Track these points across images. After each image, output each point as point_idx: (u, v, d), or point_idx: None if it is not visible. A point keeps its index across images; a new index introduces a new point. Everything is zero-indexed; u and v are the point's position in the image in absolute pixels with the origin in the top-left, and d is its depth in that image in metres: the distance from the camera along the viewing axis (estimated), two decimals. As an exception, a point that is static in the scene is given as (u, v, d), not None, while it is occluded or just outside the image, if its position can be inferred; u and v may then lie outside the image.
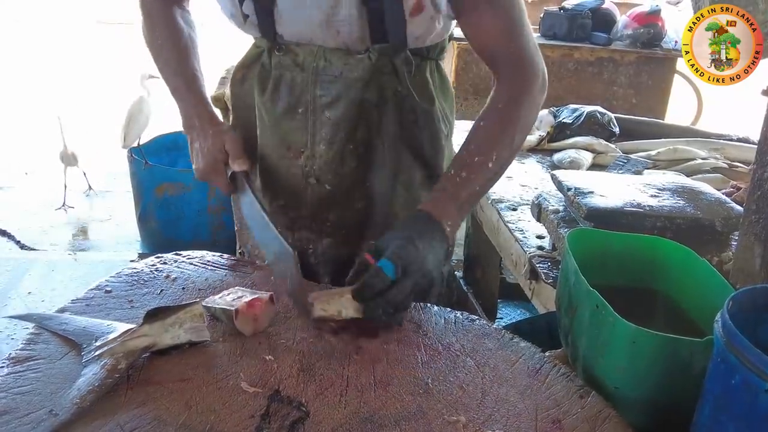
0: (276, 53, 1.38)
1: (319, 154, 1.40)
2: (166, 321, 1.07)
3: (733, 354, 0.84)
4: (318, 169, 1.41)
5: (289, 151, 1.42)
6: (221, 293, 1.19)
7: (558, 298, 1.26)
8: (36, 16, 9.97)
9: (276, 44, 1.37)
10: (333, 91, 1.35)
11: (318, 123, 1.38)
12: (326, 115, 1.37)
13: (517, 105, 1.28)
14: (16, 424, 0.91)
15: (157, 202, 3.57)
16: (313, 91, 1.36)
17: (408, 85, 1.37)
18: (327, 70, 1.35)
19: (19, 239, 3.87)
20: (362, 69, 1.34)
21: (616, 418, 1.01)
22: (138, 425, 0.92)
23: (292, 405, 0.98)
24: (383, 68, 1.34)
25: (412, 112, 1.39)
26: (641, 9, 4.16)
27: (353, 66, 1.34)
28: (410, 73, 1.37)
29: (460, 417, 0.99)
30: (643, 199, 1.63)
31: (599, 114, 2.67)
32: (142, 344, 1.04)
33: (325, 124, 1.38)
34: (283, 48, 1.37)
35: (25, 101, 6.29)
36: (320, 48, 1.34)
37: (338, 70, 1.34)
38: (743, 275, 1.28)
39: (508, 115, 1.27)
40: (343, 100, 1.36)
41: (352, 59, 1.34)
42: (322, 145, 1.39)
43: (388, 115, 1.38)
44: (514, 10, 1.28)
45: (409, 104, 1.38)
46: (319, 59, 1.35)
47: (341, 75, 1.34)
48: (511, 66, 1.29)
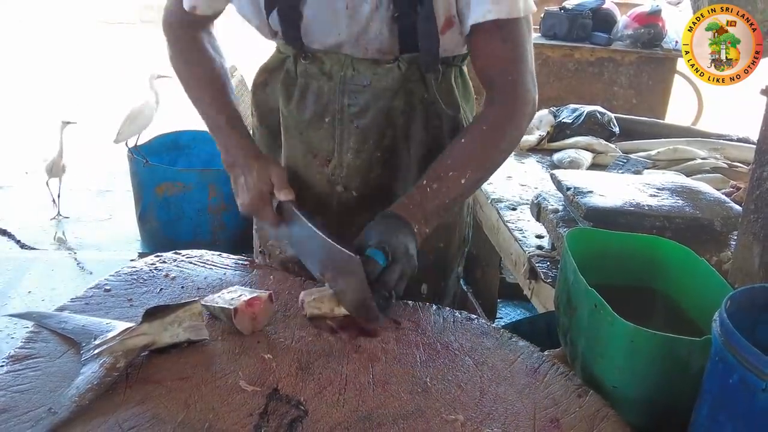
0: (302, 61, 1.37)
1: (347, 163, 1.39)
2: (165, 320, 1.08)
3: (731, 353, 0.84)
4: (345, 177, 1.41)
5: (316, 159, 1.41)
6: (221, 292, 1.20)
7: (557, 297, 1.26)
8: (38, 16, 9.97)
9: (302, 52, 1.36)
10: (361, 100, 1.35)
11: (346, 132, 1.37)
12: (354, 124, 1.37)
13: (503, 130, 1.29)
14: (15, 422, 0.91)
15: (157, 202, 3.57)
16: (340, 100, 1.36)
17: (435, 93, 1.37)
18: (355, 80, 1.34)
19: (20, 238, 3.87)
20: (391, 79, 1.34)
21: (615, 417, 1.01)
22: (137, 423, 0.92)
23: (290, 403, 0.99)
24: (411, 76, 1.35)
25: (437, 118, 1.39)
26: (642, 9, 4.15)
27: (382, 75, 1.33)
28: (437, 81, 1.37)
29: (458, 416, 0.99)
30: (642, 198, 1.63)
31: (599, 114, 2.67)
32: (141, 343, 1.05)
33: (352, 133, 1.37)
34: (309, 56, 1.36)
35: (26, 101, 6.30)
36: (348, 57, 1.33)
37: (367, 80, 1.34)
38: (742, 275, 1.28)
39: (491, 137, 1.28)
40: (371, 110, 1.35)
41: (381, 69, 1.33)
42: (350, 154, 1.39)
43: (416, 122, 1.38)
44: (524, 43, 1.29)
45: (434, 111, 1.39)
46: (347, 68, 1.34)
47: (370, 84, 1.34)
48: (506, 93, 1.30)
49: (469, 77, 1.49)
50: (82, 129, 4.37)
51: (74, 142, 5.02)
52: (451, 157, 1.27)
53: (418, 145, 1.40)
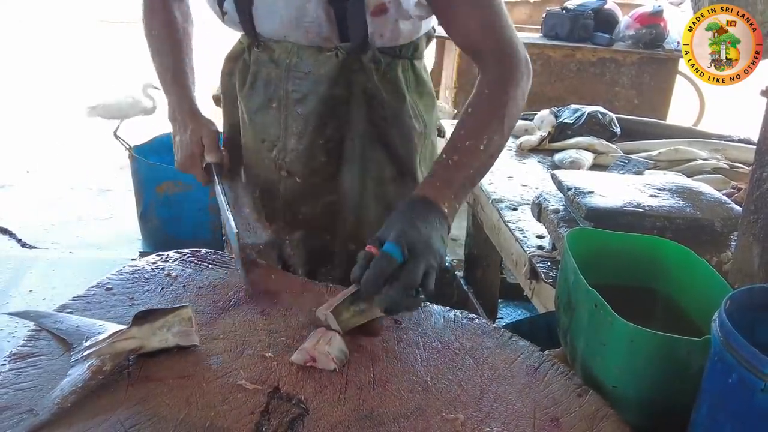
0: (255, 49, 1.43)
1: (291, 148, 1.44)
2: (155, 324, 1.07)
3: (730, 353, 0.84)
4: (289, 162, 1.45)
5: (264, 144, 1.47)
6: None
7: (557, 297, 1.26)
8: (39, 15, 9.98)
9: (255, 41, 1.42)
10: (303, 87, 1.39)
11: (290, 118, 1.42)
12: (297, 110, 1.41)
13: (505, 89, 1.28)
14: (17, 419, 0.91)
15: (158, 201, 3.58)
16: (285, 86, 1.41)
17: (376, 83, 1.40)
18: (298, 67, 1.39)
19: (21, 237, 3.87)
20: (330, 66, 1.37)
21: (614, 416, 1.01)
22: (138, 421, 0.93)
23: (291, 402, 0.99)
24: (352, 65, 1.37)
25: (381, 109, 1.42)
26: (643, 10, 4.16)
27: (322, 63, 1.37)
28: (378, 71, 1.40)
29: (458, 415, 0.99)
30: (642, 199, 1.63)
31: (600, 114, 2.67)
32: (130, 346, 1.04)
33: (295, 119, 1.42)
34: (261, 45, 1.42)
35: (27, 100, 6.30)
36: (294, 45, 1.38)
37: (308, 67, 1.38)
38: (742, 275, 1.28)
39: (496, 99, 1.28)
40: (311, 96, 1.39)
41: (322, 56, 1.37)
42: (293, 139, 1.43)
43: (358, 112, 1.41)
44: (496, 4, 1.29)
45: (377, 101, 1.41)
46: (292, 56, 1.39)
47: (310, 72, 1.38)
48: (494, 56, 1.30)
49: (425, 74, 1.50)
50: (83, 129, 4.38)
51: (74, 141, 5.03)
52: (464, 128, 1.26)
53: (362, 136, 1.43)
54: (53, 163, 4.95)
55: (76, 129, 4.23)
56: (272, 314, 1.21)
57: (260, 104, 1.45)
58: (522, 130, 2.74)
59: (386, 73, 1.41)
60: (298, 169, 1.45)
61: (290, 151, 1.44)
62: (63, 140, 5.33)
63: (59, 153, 5.09)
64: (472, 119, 1.28)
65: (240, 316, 1.19)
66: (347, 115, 1.41)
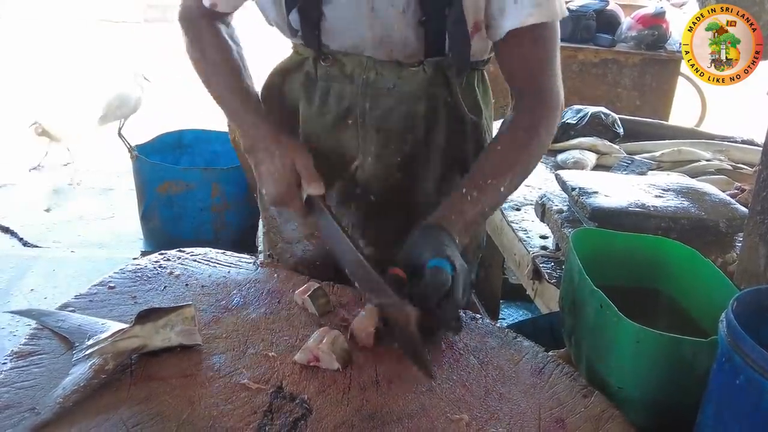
0: (321, 63, 1.33)
1: (368, 166, 1.37)
2: (158, 323, 1.06)
3: (738, 354, 0.84)
4: (365, 181, 1.38)
5: (338, 162, 1.38)
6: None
7: (562, 297, 1.26)
8: (41, 15, 9.98)
9: (320, 54, 1.33)
10: (384, 104, 1.32)
11: (368, 136, 1.35)
12: (376, 128, 1.34)
13: (537, 134, 1.26)
14: (18, 418, 0.91)
15: (159, 200, 3.57)
16: (362, 104, 1.33)
17: (458, 97, 1.35)
18: (378, 83, 1.31)
19: (22, 236, 3.87)
20: (416, 83, 1.31)
21: (620, 417, 1.01)
22: (141, 421, 0.92)
23: (294, 402, 0.98)
24: (436, 80, 1.32)
25: (460, 123, 1.37)
26: (646, 11, 4.15)
27: (407, 79, 1.31)
28: (461, 85, 1.36)
29: (463, 415, 0.99)
30: (647, 199, 1.63)
31: (603, 115, 2.66)
32: (132, 345, 1.03)
33: (374, 137, 1.35)
34: (329, 58, 1.33)
35: (28, 99, 6.30)
36: (370, 59, 1.30)
37: (391, 83, 1.31)
38: (747, 276, 1.27)
39: (527, 143, 1.26)
40: (395, 114, 1.33)
41: (406, 72, 1.30)
42: (371, 158, 1.36)
43: (438, 127, 1.36)
44: (554, 46, 1.28)
45: (457, 116, 1.37)
46: (369, 71, 1.31)
47: (394, 88, 1.31)
48: (535, 97, 1.29)
49: (488, 80, 1.47)
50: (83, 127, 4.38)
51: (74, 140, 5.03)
52: (488, 165, 1.24)
53: (439, 151, 1.38)
54: (55, 162, 4.94)
55: (77, 128, 4.23)
56: (275, 313, 1.20)
57: (333, 121, 1.36)
58: (525, 130, 2.73)
59: (465, 87, 1.37)
60: (375, 187, 1.39)
61: (367, 170, 1.37)
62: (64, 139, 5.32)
63: (61, 152, 5.08)
64: (499, 157, 1.25)
65: (243, 315, 1.19)
66: (427, 131, 1.36)
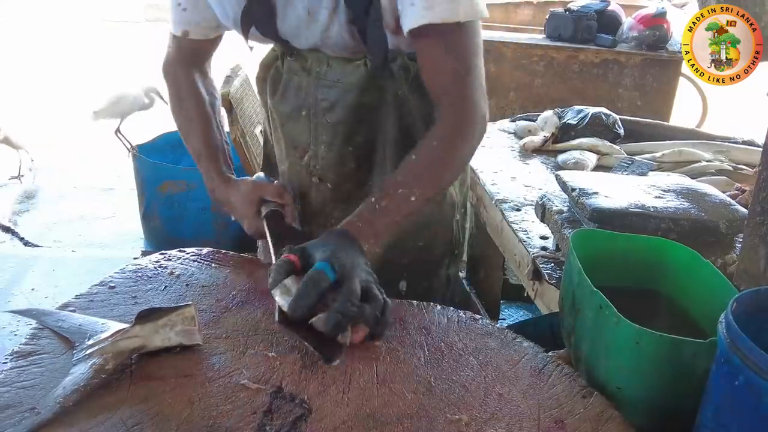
0: (288, 58, 1.45)
1: (321, 155, 1.46)
2: (158, 323, 1.06)
3: (737, 355, 0.84)
4: (320, 169, 1.48)
5: (296, 151, 1.50)
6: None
7: (561, 298, 1.26)
8: (42, 15, 9.98)
9: (289, 50, 1.44)
10: (332, 95, 1.41)
11: (320, 126, 1.44)
12: (326, 119, 1.43)
13: (453, 146, 1.27)
14: (18, 418, 0.91)
15: (160, 200, 3.58)
16: (314, 95, 1.43)
17: (407, 88, 1.40)
18: (328, 75, 1.41)
19: (23, 236, 3.87)
20: (358, 75, 1.38)
21: (619, 418, 1.01)
22: (140, 420, 0.92)
23: (294, 402, 0.98)
24: (383, 73, 1.38)
25: (410, 115, 1.42)
26: (647, 11, 4.15)
27: (350, 72, 1.39)
28: (408, 78, 1.40)
29: (462, 416, 0.99)
30: (647, 200, 1.62)
31: (604, 115, 2.66)
32: (132, 345, 1.03)
33: (325, 127, 1.44)
34: (294, 53, 1.44)
35: (30, 99, 6.31)
36: (325, 55, 1.40)
37: (337, 76, 1.40)
38: (747, 277, 1.27)
39: (441, 154, 1.27)
40: (340, 105, 1.41)
41: (350, 66, 1.39)
42: (323, 147, 1.45)
43: (388, 118, 1.42)
44: (469, 54, 1.28)
45: (408, 107, 1.41)
46: (323, 65, 1.41)
47: (339, 80, 1.40)
48: (454, 107, 1.29)
49: None
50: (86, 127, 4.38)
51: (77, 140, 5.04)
52: (401, 175, 1.25)
53: (392, 141, 1.43)
54: (56, 161, 4.95)
55: (79, 128, 4.23)
56: (274, 314, 1.20)
57: (291, 112, 1.47)
58: (525, 131, 2.73)
59: (416, 79, 1.40)
60: (329, 176, 1.48)
61: (321, 159, 1.47)
62: (66, 139, 5.33)
63: (62, 151, 5.09)
64: (411, 167, 1.26)
65: (243, 315, 1.19)
66: (377, 122, 1.42)
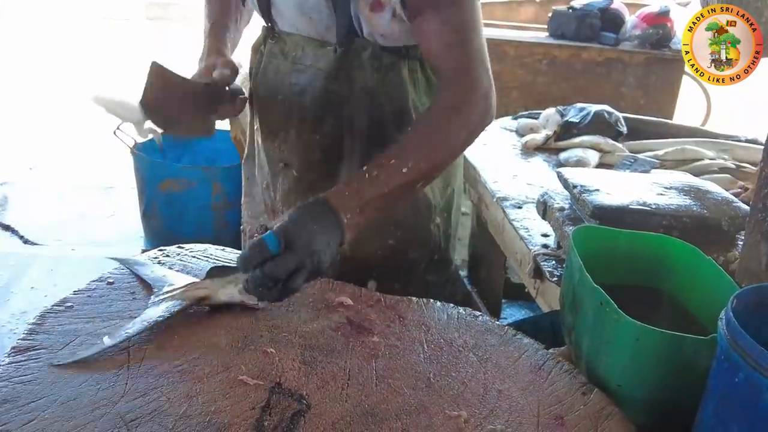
0: (269, 41, 1.47)
1: (290, 140, 1.46)
2: (226, 278, 1.16)
3: (737, 352, 0.83)
4: (288, 154, 1.48)
5: (270, 135, 1.50)
6: None
7: (562, 295, 1.25)
8: (42, 13, 9.99)
9: (272, 33, 1.46)
10: (302, 80, 1.41)
11: (291, 110, 1.44)
12: (297, 103, 1.43)
13: (448, 119, 1.25)
14: (16, 412, 0.91)
15: (160, 198, 3.57)
16: (288, 79, 1.43)
17: (377, 81, 1.38)
18: (301, 60, 1.41)
19: (23, 234, 3.87)
20: (328, 60, 1.38)
21: (619, 415, 1.00)
22: (139, 415, 0.92)
23: (293, 397, 0.98)
24: (352, 62, 1.37)
25: (381, 110, 1.40)
26: (650, 9, 4.14)
27: (321, 56, 1.39)
28: (380, 70, 1.38)
29: (461, 412, 0.98)
30: (649, 197, 1.62)
31: (607, 113, 2.65)
32: (200, 294, 1.15)
33: (295, 111, 1.43)
34: (276, 37, 1.45)
35: (30, 97, 6.31)
36: (302, 39, 1.41)
37: (309, 60, 1.40)
38: (749, 274, 1.27)
39: (436, 127, 1.25)
40: (309, 89, 1.41)
41: (322, 50, 1.39)
42: (293, 131, 1.45)
43: (357, 110, 1.40)
44: (467, 28, 1.27)
45: (378, 101, 1.39)
46: (298, 49, 1.42)
47: (311, 65, 1.40)
48: (451, 80, 1.28)
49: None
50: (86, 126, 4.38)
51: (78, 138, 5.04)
52: (395, 147, 1.24)
53: (361, 135, 1.42)
54: (56, 160, 4.95)
55: (79, 126, 4.23)
56: (274, 310, 1.19)
57: (267, 95, 1.48)
58: (527, 128, 2.72)
59: (388, 73, 1.39)
60: (295, 162, 1.47)
61: (289, 143, 1.46)
62: (66, 137, 5.33)
63: (62, 150, 5.09)
64: (405, 140, 1.25)
65: (242, 311, 1.18)
66: (346, 112, 1.40)
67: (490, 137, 2.71)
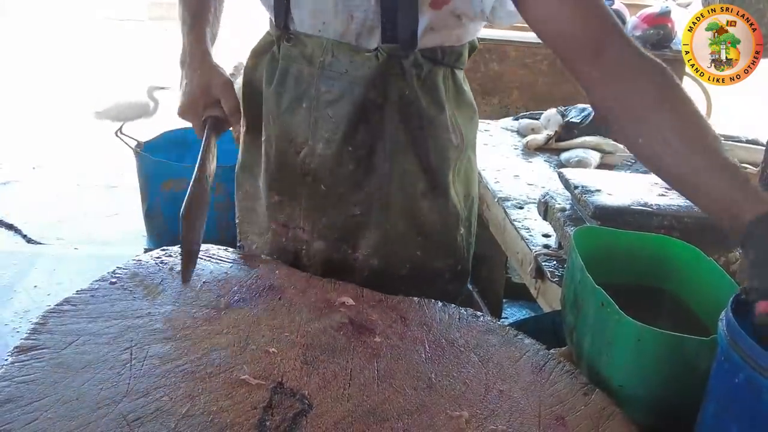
0: (285, 43, 1.34)
1: (318, 153, 1.35)
2: None
3: (737, 353, 0.83)
4: (315, 168, 1.36)
5: (291, 146, 1.38)
6: None
7: (563, 295, 1.25)
8: (45, 13, 10.00)
9: (286, 34, 1.33)
10: (337, 88, 1.30)
11: (320, 120, 1.33)
12: (328, 113, 1.32)
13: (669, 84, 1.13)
14: (19, 412, 0.91)
15: (163, 198, 3.57)
16: (317, 86, 1.32)
17: (416, 89, 1.31)
18: (333, 66, 1.30)
19: (26, 233, 3.88)
20: (368, 68, 1.28)
21: (620, 415, 1.01)
22: (141, 415, 0.92)
23: (294, 397, 0.98)
24: (391, 69, 1.29)
25: (418, 118, 1.33)
26: (651, 10, 4.13)
27: (359, 64, 1.28)
28: (419, 78, 1.31)
29: (462, 412, 0.99)
30: (650, 197, 1.62)
31: (608, 114, 2.65)
32: None
33: (326, 122, 1.33)
34: (292, 38, 1.33)
35: (33, 96, 6.31)
36: (329, 41, 1.29)
37: (344, 67, 1.29)
38: (750, 275, 1.27)
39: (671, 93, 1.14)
40: (345, 99, 1.30)
41: (359, 57, 1.28)
42: (321, 143, 1.34)
43: (392, 119, 1.32)
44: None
45: (415, 109, 1.32)
46: (326, 54, 1.30)
47: (346, 72, 1.29)
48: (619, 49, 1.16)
49: (465, 84, 1.43)
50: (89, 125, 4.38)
51: (80, 138, 5.04)
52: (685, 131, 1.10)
53: (395, 145, 1.34)
54: (59, 159, 4.96)
55: (82, 125, 4.24)
56: (276, 310, 1.20)
57: (289, 103, 1.35)
58: (528, 129, 2.73)
59: (426, 80, 1.32)
60: (324, 176, 1.36)
61: (317, 156, 1.35)
62: (69, 136, 5.34)
63: (65, 149, 5.10)
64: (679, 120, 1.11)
65: (244, 311, 1.19)
66: (381, 121, 1.32)
67: (492, 137, 2.72)
